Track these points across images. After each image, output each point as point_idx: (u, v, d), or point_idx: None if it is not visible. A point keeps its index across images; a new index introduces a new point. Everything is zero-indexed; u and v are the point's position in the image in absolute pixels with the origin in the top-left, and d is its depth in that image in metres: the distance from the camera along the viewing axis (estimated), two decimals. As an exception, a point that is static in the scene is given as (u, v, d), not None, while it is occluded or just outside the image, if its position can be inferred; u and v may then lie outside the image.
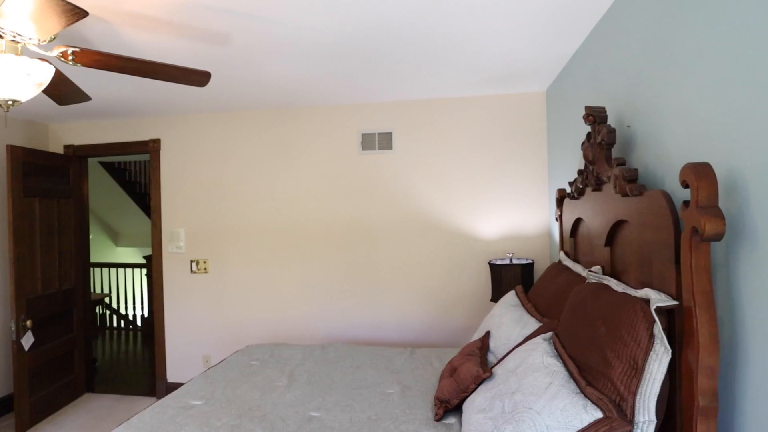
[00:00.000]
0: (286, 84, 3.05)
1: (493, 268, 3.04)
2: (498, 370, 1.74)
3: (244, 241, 3.79)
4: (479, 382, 1.75)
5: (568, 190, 2.54)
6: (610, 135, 1.77)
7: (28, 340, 3.41)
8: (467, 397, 1.78)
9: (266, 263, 3.75)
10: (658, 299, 1.28)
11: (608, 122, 1.98)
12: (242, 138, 3.79)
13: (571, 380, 1.40)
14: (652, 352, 1.23)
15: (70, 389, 3.93)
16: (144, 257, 6.26)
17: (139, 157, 6.75)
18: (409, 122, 3.53)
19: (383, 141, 3.55)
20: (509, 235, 3.38)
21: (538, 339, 1.72)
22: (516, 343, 1.98)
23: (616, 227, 1.78)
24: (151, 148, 3.94)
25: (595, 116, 1.88)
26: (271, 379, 2.28)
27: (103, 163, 6.73)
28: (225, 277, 3.83)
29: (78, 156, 4.10)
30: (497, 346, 2.07)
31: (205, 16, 2.01)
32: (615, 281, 1.64)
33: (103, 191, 6.84)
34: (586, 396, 1.31)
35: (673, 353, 1.23)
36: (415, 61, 2.65)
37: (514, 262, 3.06)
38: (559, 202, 2.67)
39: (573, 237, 2.45)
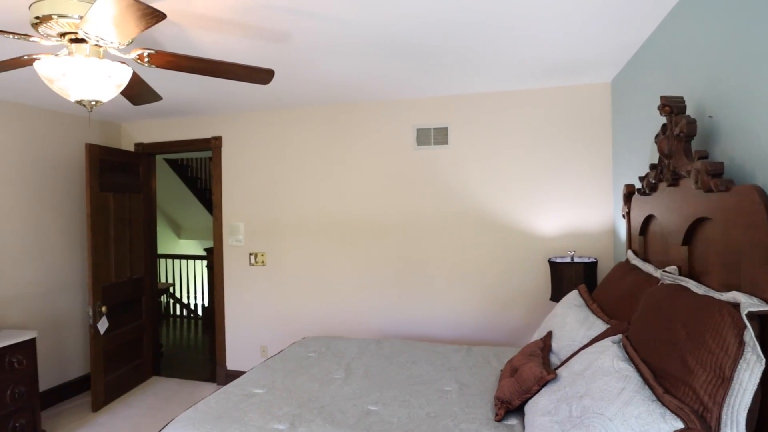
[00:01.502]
0: (342, 80, 3.07)
1: (553, 266, 2.93)
2: (563, 372, 1.67)
3: (300, 236, 3.88)
4: (543, 383, 1.69)
5: (638, 186, 2.40)
6: (689, 126, 1.65)
7: (103, 325, 3.66)
8: (530, 398, 1.73)
9: (321, 257, 3.82)
10: (750, 303, 1.18)
11: (687, 113, 1.84)
12: (298, 134, 3.87)
13: (646, 386, 1.32)
14: (741, 361, 1.13)
15: (139, 372, 4.19)
16: (205, 249, 6.55)
17: (200, 154, 7.06)
18: (465, 116, 3.47)
19: (438, 136, 3.51)
20: (570, 232, 3.26)
21: (607, 341, 1.64)
22: (581, 345, 1.90)
23: (696, 225, 1.66)
24: (213, 144, 4.11)
25: (672, 106, 1.76)
26: (328, 372, 2.32)
27: (167, 160, 7.10)
28: (281, 270, 3.93)
29: (147, 153, 4.34)
30: (560, 347, 2.00)
31: (267, 16, 2.05)
32: (694, 283, 1.53)
33: (167, 187, 7.21)
34: (663, 404, 1.23)
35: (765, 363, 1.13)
36: (472, 54, 2.59)
37: (576, 260, 2.94)
38: (627, 198, 2.54)
39: (642, 235, 2.32)
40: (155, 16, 1.32)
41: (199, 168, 7.62)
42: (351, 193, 3.73)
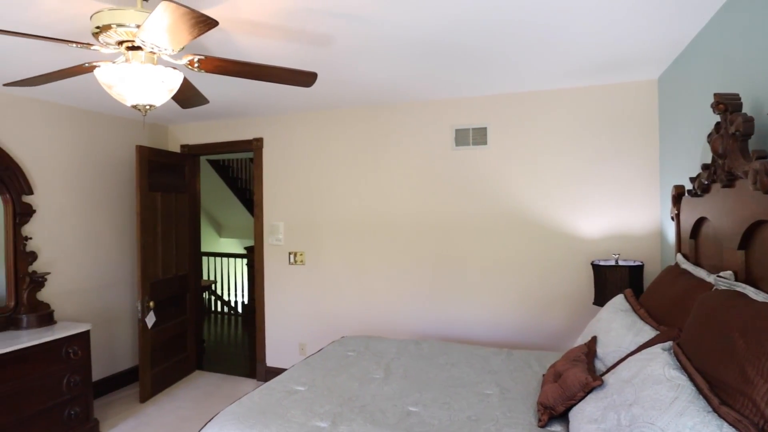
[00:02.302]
0: (380, 81, 3.09)
1: (597, 269, 2.85)
2: (609, 379, 1.63)
3: (338, 236, 3.92)
4: (588, 390, 1.65)
5: (688, 187, 2.31)
6: (746, 125, 1.57)
7: (150, 319, 3.82)
8: (574, 404, 1.69)
9: (358, 257, 3.85)
10: (817, 312, 1.11)
11: (743, 110, 1.76)
12: (337, 135, 3.92)
13: (701, 397, 1.27)
14: (807, 372, 1.08)
15: (183, 366, 4.34)
16: (245, 248, 6.72)
17: (241, 155, 7.25)
18: (504, 116, 3.42)
19: (477, 136, 3.48)
20: (614, 234, 3.16)
21: (656, 348, 1.59)
22: (628, 351, 1.85)
23: (754, 228, 1.58)
24: (255, 146, 4.21)
25: (727, 104, 1.68)
26: (367, 371, 2.34)
27: (209, 161, 7.32)
28: (320, 269, 3.99)
29: (192, 154, 4.50)
30: (606, 352, 1.95)
31: (310, 20, 2.09)
32: (753, 289, 1.46)
33: (209, 186, 7.44)
34: (720, 416, 1.18)
35: (835, 376, 1.07)
36: (512, 53, 2.56)
37: (621, 263, 2.85)
38: (676, 200, 2.44)
39: (693, 238, 2.22)
40: (208, 24, 1.37)
41: (239, 168, 7.83)
42: (389, 193, 3.75)
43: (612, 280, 2.76)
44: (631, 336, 1.90)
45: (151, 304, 3.83)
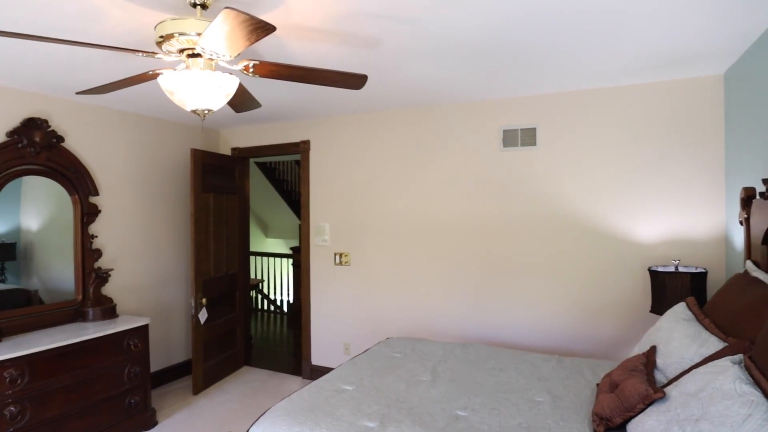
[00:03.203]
0: (427, 82, 3.08)
1: (655, 275, 2.72)
2: (672, 392, 1.55)
3: (384, 237, 3.94)
4: (649, 402, 1.58)
5: (760, 189, 2.16)
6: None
7: (203, 316, 3.97)
8: (633, 417, 1.62)
9: (403, 259, 3.85)
10: None
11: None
12: (383, 136, 3.93)
13: (778, 414, 1.19)
14: None
15: (233, 361, 4.49)
16: (291, 248, 6.87)
17: (287, 157, 7.42)
18: (555, 116, 3.33)
19: (526, 137, 3.40)
20: (673, 239, 3.00)
21: (725, 361, 1.49)
22: (692, 363, 1.75)
23: (838, 235, 1.46)
24: (302, 148, 4.30)
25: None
26: (414, 373, 2.34)
27: (257, 163, 7.54)
28: (365, 270, 4.02)
29: (242, 157, 4.64)
30: (667, 363, 1.85)
31: (359, 23, 2.11)
32: (837, 301, 1.35)
33: (256, 188, 7.66)
34: (801, 436, 1.09)
35: None
36: (565, 50, 2.48)
37: (681, 269, 2.71)
38: (746, 203, 2.28)
39: (765, 244, 2.08)
40: (266, 29, 1.41)
41: (285, 170, 8.01)
42: (435, 195, 3.73)
43: (671, 287, 2.62)
44: (695, 347, 1.80)
45: (204, 300, 3.98)
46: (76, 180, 3.36)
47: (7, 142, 2.98)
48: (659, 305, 2.68)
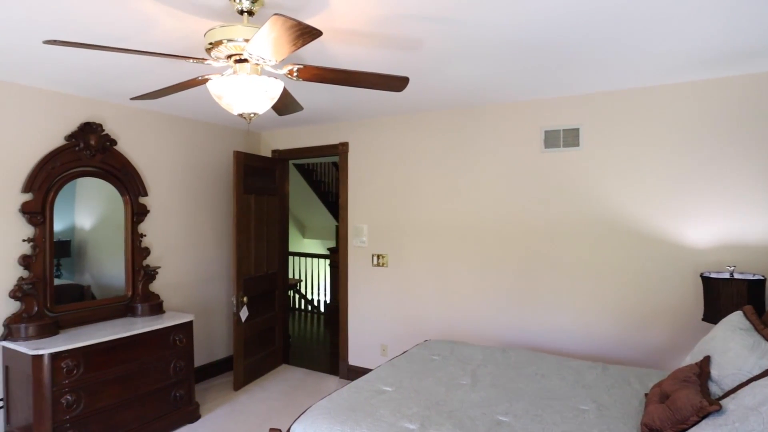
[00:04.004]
0: (467, 83, 3.05)
1: (707, 282, 2.60)
2: (729, 405, 1.47)
3: (421, 239, 3.93)
4: (704, 414, 1.51)
5: (827, 192, 2.02)
6: None
7: (244, 313, 4.07)
8: (686, 429, 1.55)
9: (441, 261, 3.83)
10: None
11: None
12: (422, 138, 3.93)
13: None
14: None
15: (272, 359, 4.58)
16: (328, 249, 6.95)
17: (325, 159, 7.52)
18: (599, 116, 3.23)
19: (568, 137, 3.32)
20: (727, 244, 2.85)
21: (789, 374, 1.41)
22: (751, 375, 1.66)
23: None
24: (341, 150, 4.35)
25: None
26: (454, 377, 2.32)
27: (295, 165, 7.68)
28: (403, 271, 4.02)
29: (282, 159, 4.74)
30: (722, 375, 1.76)
31: (401, 25, 2.11)
32: None
33: (294, 189, 7.81)
34: None
35: None
36: (610, 48, 2.40)
37: (737, 276, 2.57)
38: (810, 207, 2.15)
39: (833, 251, 1.95)
40: (312, 34, 1.43)
41: (323, 172, 8.12)
42: (473, 197, 3.69)
43: (726, 294, 2.49)
44: (754, 358, 1.71)
45: (245, 299, 4.08)
46: (127, 181, 3.52)
47: (66, 145, 3.15)
48: (712, 313, 2.56)
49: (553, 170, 3.39)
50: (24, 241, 2.95)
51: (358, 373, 4.11)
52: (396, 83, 2.05)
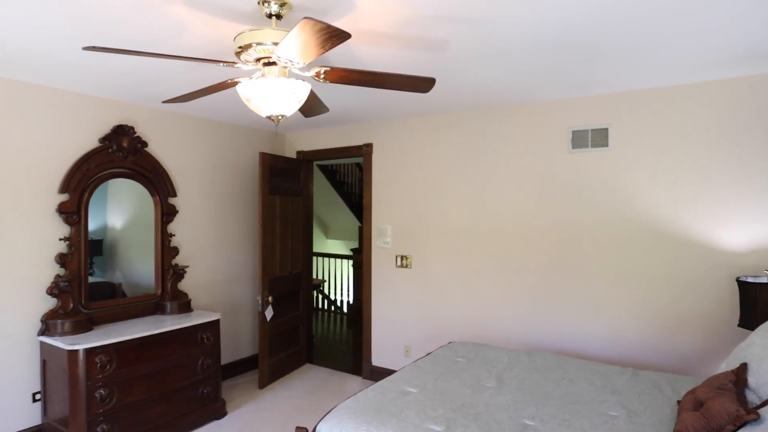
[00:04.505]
0: (492, 83, 3.02)
1: (744, 287, 2.51)
2: (767, 414, 1.42)
3: (445, 240, 3.91)
4: (740, 424, 1.46)
5: None
6: None
7: (269, 313, 4.13)
8: (722, 438, 1.50)
9: (465, 262, 3.80)
10: None
11: None
12: (446, 138, 3.91)
13: None
14: None
15: (296, 358, 4.63)
16: (351, 249, 6.99)
17: (348, 160, 7.56)
18: (629, 115, 3.16)
19: (597, 137, 3.25)
20: (765, 247, 2.75)
21: (833, 384, 1.35)
22: (791, 384, 1.60)
23: None
24: (365, 151, 4.36)
25: None
26: (479, 379, 2.30)
27: (318, 165, 7.75)
28: (426, 273, 4.01)
29: (307, 160, 4.79)
30: (760, 383, 1.70)
31: (427, 26, 2.11)
32: None
33: (318, 189, 7.87)
34: None
35: None
36: (640, 45, 2.34)
37: (775, 281, 2.48)
38: None
39: None
40: (341, 37, 1.45)
41: (346, 173, 8.17)
42: (499, 198, 3.65)
43: (763, 299, 2.40)
44: (795, 366, 1.64)
45: (270, 298, 4.14)
46: (157, 182, 3.61)
47: (100, 147, 3.25)
48: (749, 319, 2.47)
49: (580, 171, 3.33)
50: (60, 240, 3.05)
51: (381, 373, 4.12)
52: (423, 84, 2.05)
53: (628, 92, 3.16)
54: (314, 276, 7.58)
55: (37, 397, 2.98)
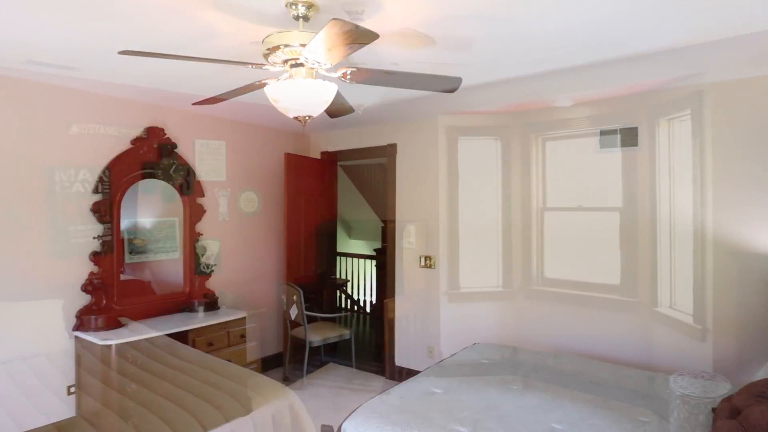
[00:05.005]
0: (518, 83, 2.98)
1: (783, 290, 2.41)
2: (811, 423, 1.37)
3: (470, 240, 3.88)
4: (781, 432, 1.40)
5: None
6: None
7: (293, 312, 4.17)
8: (761, 447, 1.45)
9: (488, 264, 3.77)
10: None
11: None
12: (469, 139, 3.88)
13: None
14: None
15: (319, 357, 4.66)
16: (374, 250, 6.99)
17: (372, 160, 7.56)
18: (658, 114, 3.07)
19: (627, 137, 3.18)
20: (806, 250, 2.64)
21: None
22: (836, 393, 1.53)
23: None
24: (388, 151, 4.37)
25: None
26: (504, 381, 2.28)
27: (341, 165, 7.77)
28: (450, 273, 3.99)
29: (331, 160, 4.82)
30: (802, 391, 1.63)
31: (452, 26, 2.10)
32: None
33: (341, 190, 7.89)
34: None
35: None
36: (664, 44, 2.28)
37: (817, 285, 2.37)
38: None
39: None
40: (369, 37, 1.45)
41: (369, 173, 8.17)
42: (523, 197, 3.61)
43: (804, 304, 2.30)
44: (840, 374, 1.57)
45: (295, 297, 4.18)
46: (187, 183, 3.70)
47: (132, 149, 3.35)
48: (788, 324, 2.37)
49: (609, 171, 3.26)
50: (94, 238, 3.15)
51: (404, 374, 4.11)
52: (448, 84, 2.04)
53: (658, 90, 3.07)
54: (338, 276, 7.62)
55: (72, 390, 3.09)
